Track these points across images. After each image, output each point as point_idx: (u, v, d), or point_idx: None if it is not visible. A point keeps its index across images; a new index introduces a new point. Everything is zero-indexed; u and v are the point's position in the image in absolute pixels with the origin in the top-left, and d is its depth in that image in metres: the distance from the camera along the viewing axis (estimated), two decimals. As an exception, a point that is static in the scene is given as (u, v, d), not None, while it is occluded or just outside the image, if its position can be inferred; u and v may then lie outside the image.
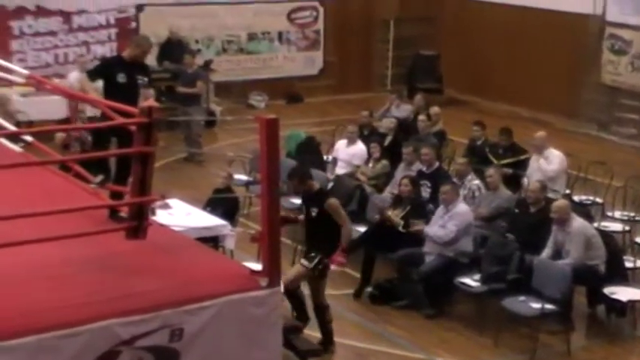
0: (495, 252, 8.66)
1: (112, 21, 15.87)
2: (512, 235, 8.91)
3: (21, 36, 15.14)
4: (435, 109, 12.89)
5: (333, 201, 7.80)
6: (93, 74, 6.72)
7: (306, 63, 18.15)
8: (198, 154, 13.36)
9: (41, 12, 15.24)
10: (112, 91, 6.43)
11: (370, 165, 11.29)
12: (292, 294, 7.86)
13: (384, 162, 11.16)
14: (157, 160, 5.55)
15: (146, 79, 6.63)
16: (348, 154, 11.49)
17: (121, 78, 6.52)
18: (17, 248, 5.12)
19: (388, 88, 17.92)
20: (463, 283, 8.60)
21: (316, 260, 7.71)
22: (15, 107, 12.40)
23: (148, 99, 5.98)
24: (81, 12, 15.59)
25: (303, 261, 7.85)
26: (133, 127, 5.41)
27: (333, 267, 7.89)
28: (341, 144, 11.72)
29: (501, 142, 11.40)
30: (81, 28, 15.64)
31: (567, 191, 10.59)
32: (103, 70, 6.73)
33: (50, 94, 10.94)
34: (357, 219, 10.08)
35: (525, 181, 10.47)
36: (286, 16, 17.78)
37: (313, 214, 7.83)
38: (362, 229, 9.72)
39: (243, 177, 11.49)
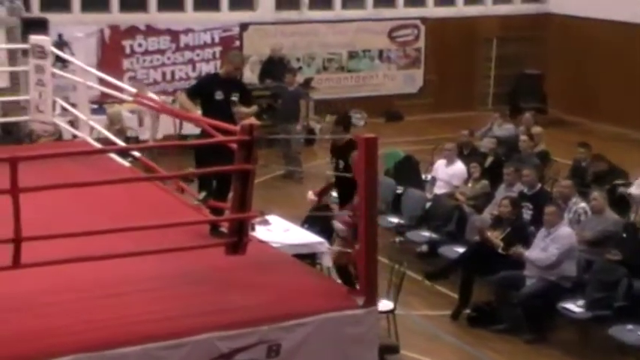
0: (601, 277, 8.37)
1: (217, 39, 16.25)
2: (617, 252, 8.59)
3: (132, 54, 15.67)
4: (537, 129, 12.63)
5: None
6: (191, 93, 6.84)
7: (406, 81, 18.10)
8: (298, 171, 13.47)
9: (151, 31, 15.74)
10: (209, 108, 6.55)
11: (470, 185, 11.13)
12: (342, 269, 7.11)
13: (484, 182, 10.98)
14: (256, 177, 5.63)
15: (238, 95, 6.69)
16: (447, 173, 11.37)
17: (218, 95, 6.63)
18: (122, 260, 5.28)
19: (490, 107, 17.67)
20: (565, 309, 8.35)
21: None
22: (125, 124, 12.83)
23: (246, 116, 6.05)
24: (188, 31, 16.03)
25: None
26: (234, 145, 5.50)
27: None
28: (440, 163, 11.60)
29: (597, 168, 11.01)
30: (187, 47, 16.07)
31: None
32: (201, 88, 6.86)
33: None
34: (456, 239, 9.98)
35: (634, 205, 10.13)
36: (387, 35, 17.80)
37: (340, 167, 7.04)
38: (460, 249, 9.58)
39: (342, 195, 11.49)
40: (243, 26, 16.45)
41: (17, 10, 13.61)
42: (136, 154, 7.73)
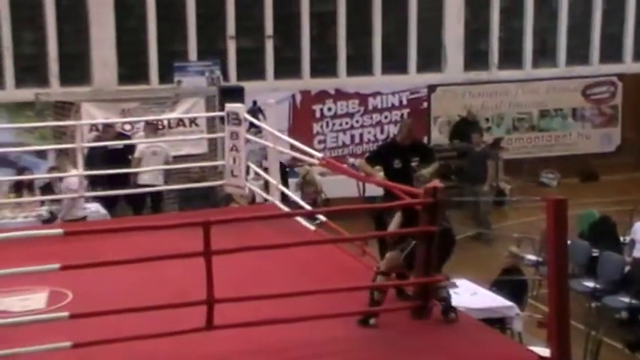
0: None
1: (405, 102, 16.40)
2: None
3: (321, 118, 16.14)
4: None
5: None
6: (370, 160, 6.91)
7: (602, 140, 17.39)
8: (487, 233, 13.19)
9: (340, 95, 16.16)
10: (389, 176, 6.56)
11: (674, 248, 10.42)
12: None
13: (691, 245, 10.25)
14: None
15: (417, 159, 6.62)
16: (648, 235, 10.72)
17: (397, 164, 6.63)
18: (311, 322, 5.35)
19: (696, 164, 16.59)
20: None
21: (408, 249, 5.69)
22: (319, 187, 13.14)
23: (428, 178, 5.97)
24: (376, 94, 16.30)
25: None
26: (419, 207, 5.47)
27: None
28: (639, 225, 10.98)
29: None
30: (375, 110, 16.34)
31: None
32: (379, 156, 6.92)
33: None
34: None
35: None
36: (581, 92, 17.24)
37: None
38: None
39: (533, 257, 11.15)
40: (432, 88, 16.51)
41: (216, 79, 14.46)
42: (322, 217, 7.86)
